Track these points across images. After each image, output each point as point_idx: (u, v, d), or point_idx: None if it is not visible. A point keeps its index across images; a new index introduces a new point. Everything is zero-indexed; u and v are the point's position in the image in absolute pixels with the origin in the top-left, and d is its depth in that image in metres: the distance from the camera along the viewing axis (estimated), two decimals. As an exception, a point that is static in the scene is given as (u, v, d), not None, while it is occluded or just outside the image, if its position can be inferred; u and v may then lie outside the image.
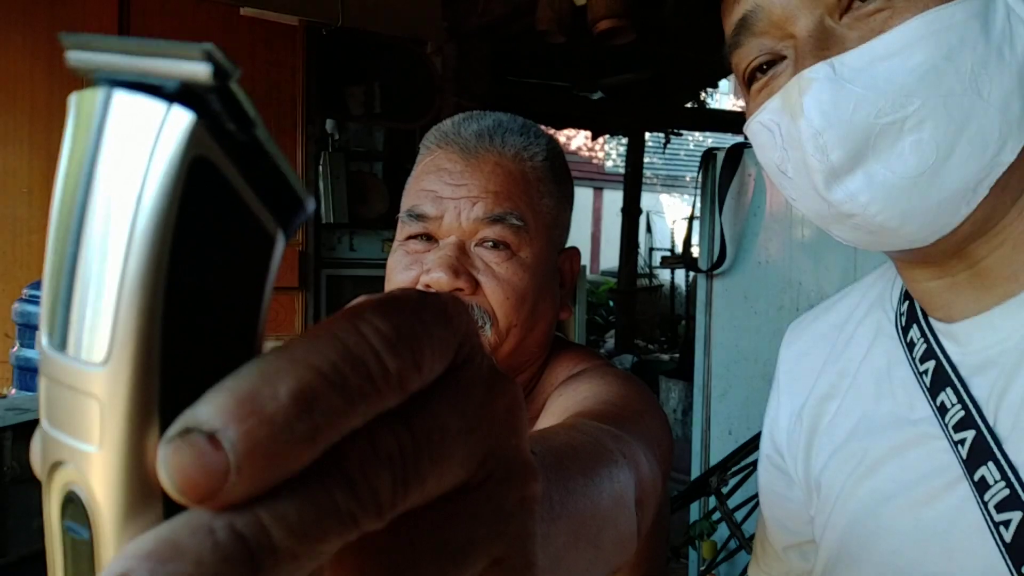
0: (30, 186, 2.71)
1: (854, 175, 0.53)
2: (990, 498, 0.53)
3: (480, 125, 0.87)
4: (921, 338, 0.62)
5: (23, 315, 1.42)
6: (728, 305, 2.56)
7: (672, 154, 12.50)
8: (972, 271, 0.58)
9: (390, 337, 0.19)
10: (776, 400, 0.80)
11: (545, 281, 0.87)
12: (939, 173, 0.51)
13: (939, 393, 0.59)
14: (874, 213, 0.54)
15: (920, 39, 0.51)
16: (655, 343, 8.45)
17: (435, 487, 0.19)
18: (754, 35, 0.59)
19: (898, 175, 0.52)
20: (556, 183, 0.89)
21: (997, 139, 0.51)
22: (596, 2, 2.59)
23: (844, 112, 0.52)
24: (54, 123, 2.75)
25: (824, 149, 0.54)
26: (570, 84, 5.70)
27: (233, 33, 3.01)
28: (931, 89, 0.51)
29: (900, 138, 0.51)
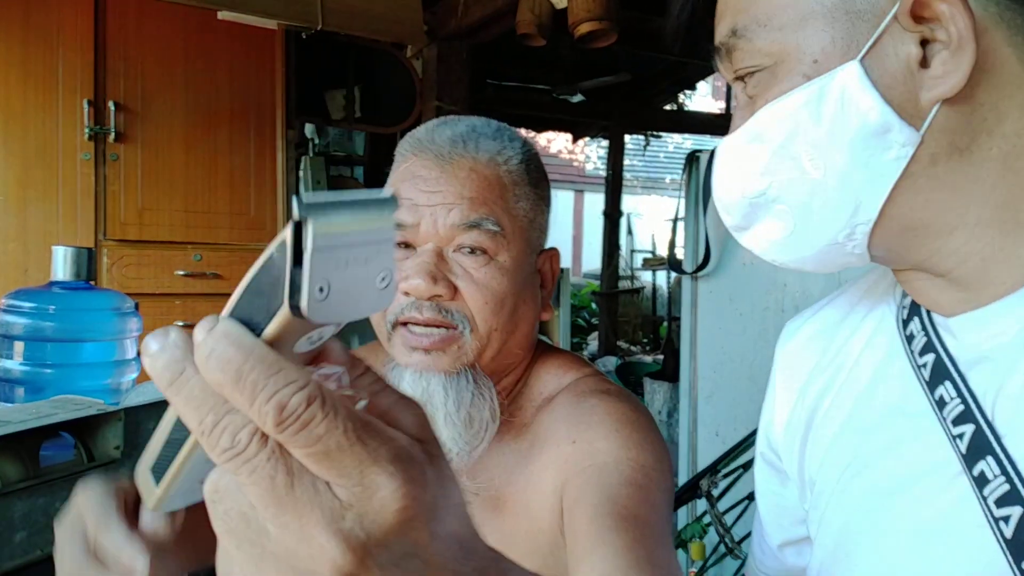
0: (5, 193, 2.67)
1: (750, 232, 0.64)
2: (989, 493, 0.53)
3: (454, 131, 0.87)
4: (921, 331, 0.62)
5: (2, 325, 1.39)
6: (713, 307, 2.57)
7: (652, 156, 12.56)
8: (948, 280, 0.59)
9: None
10: (771, 397, 0.80)
11: (524, 283, 0.88)
12: (804, 234, 0.60)
13: (938, 386, 0.59)
14: (771, 259, 0.64)
15: (761, 131, 0.59)
16: (637, 345, 8.47)
17: None
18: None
19: (778, 235, 0.61)
20: (532, 185, 0.89)
21: (845, 207, 0.57)
22: (577, 5, 2.59)
23: (729, 185, 0.63)
24: (29, 129, 2.71)
25: (725, 211, 0.65)
26: (550, 87, 5.71)
27: (211, 37, 2.98)
28: (776, 172, 0.58)
29: (769, 207, 0.60)
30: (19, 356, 1.40)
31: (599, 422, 0.82)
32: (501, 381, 0.90)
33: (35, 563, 1.06)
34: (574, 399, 0.87)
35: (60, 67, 2.74)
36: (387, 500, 0.31)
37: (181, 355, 0.32)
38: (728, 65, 0.63)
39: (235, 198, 3.07)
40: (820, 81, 0.55)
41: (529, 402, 0.92)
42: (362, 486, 0.31)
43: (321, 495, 0.31)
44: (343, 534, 0.31)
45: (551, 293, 0.95)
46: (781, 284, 2.32)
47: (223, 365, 0.30)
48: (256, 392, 0.30)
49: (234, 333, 0.31)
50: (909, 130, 0.54)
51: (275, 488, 0.31)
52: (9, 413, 1.10)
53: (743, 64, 0.60)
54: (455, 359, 0.82)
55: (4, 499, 1.01)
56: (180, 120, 2.96)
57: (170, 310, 2.92)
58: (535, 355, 0.96)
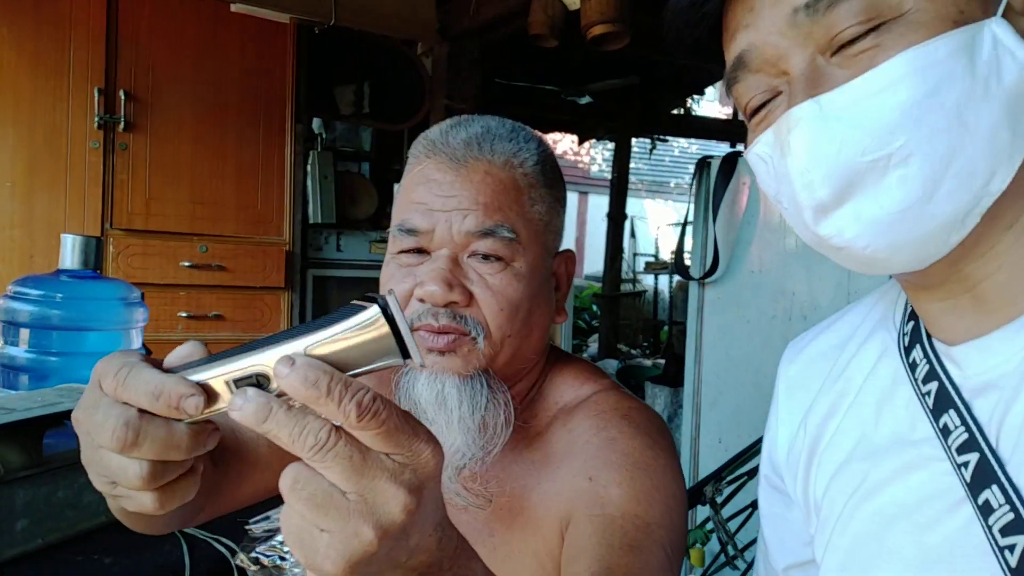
0: (13, 180, 2.67)
1: (841, 210, 0.55)
2: (994, 522, 0.52)
3: (468, 132, 0.85)
4: (924, 359, 0.62)
5: (8, 312, 1.38)
6: (720, 313, 2.56)
7: (657, 160, 12.55)
8: (971, 294, 0.58)
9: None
10: (775, 419, 0.79)
11: (540, 288, 0.86)
12: (927, 206, 0.52)
13: (942, 415, 0.58)
14: (862, 247, 0.55)
15: (904, 76, 0.51)
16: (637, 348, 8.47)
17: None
18: (751, 72, 0.60)
19: (885, 210, 0.53)
20: (547, 187, 0.87)
21: (985, 170, 0.52)
22: (590, 7, 2.58)
23: (830, 150, 0.54)
24: (38, 116, 2.70)
25: (811, 186, 0.55)
26: (558, 88, 5.70)
27: (223, 29, 2.98)
28: (916, 126, 0.51)
29: (886, 174, 0.52)
30: (24, 343, 1.40)
31: (617, 464, 0.81)
32: (515, 386, 0.89)
33: (36, 551, 1.06)
34: (595, 423, 0.85)
35: (71, 55, 2.75)
36: (428, 457, 0.46)
37: (265, 400, 0.44)
38: (811, 28, 0.55)
39: (242, 190, 3.07)
40: (971, 29, 0.51)
41: (544, 411, 0.91)
42: (412, 451, 0.46)
43: (384, 462, 0.45)
44: (406, 484, 0.45)
45: (566, 296, 0.94)
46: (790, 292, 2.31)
47: (314, 385, 0.44)
48: (341, 397, 0.44)
49: (315, 363, 0.45)
50: None
51: (353, 464, 0.44)
52: (13, 401, 1.10)
53: (866, 15, 0.53)
54: (467, 362, 0.82)
55: (6, 487, 1.01)
56: (189, 111, 2.96)
57: (175, 301, 2.92)
58: (549, 360, 0.95)
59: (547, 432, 0.88)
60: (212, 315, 2.99)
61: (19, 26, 2.67)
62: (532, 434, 0.89)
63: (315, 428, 0.44)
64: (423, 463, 0.46)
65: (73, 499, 1.11)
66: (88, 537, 1.13)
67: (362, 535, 0.44)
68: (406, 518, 0.45)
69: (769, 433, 0.80)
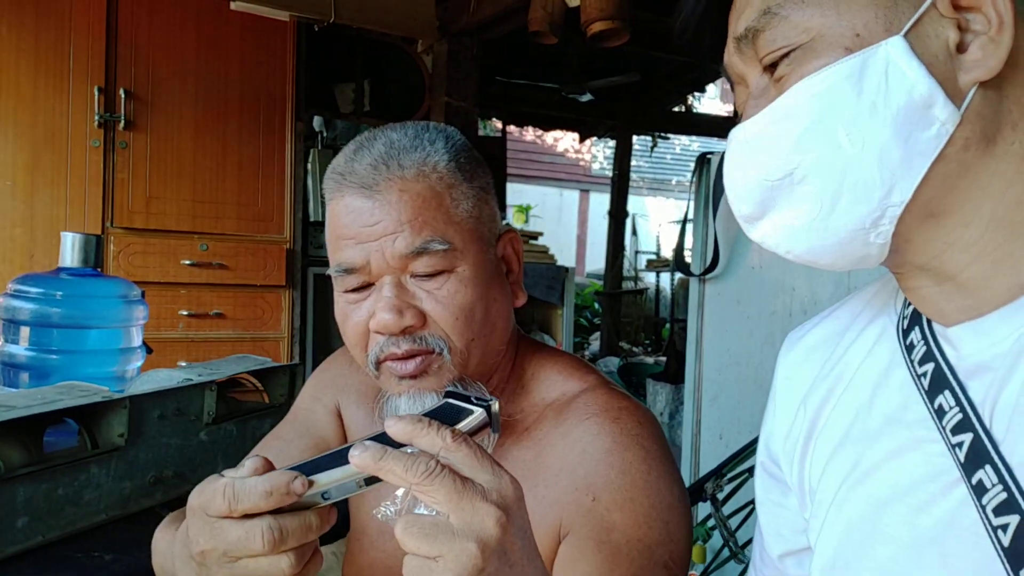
0: (13, 179, 2.67)
1: (763, 221, 0.62)
2: (988, 501, 0.53)
3: (372, 155, 0.83)
4: (921, 340, 0.63)
5: (8, 310, 1.38)
6: (720, 309, 2.56)
7: (658, 158, 12.54)
8: (955, 283, 0.59)
9: None
10: (772, 407, 0.80)
11: (490, 282, 0.86)
12: (829, 218, 0.58)
13: (937, 395, 0.59)
14: (785, 251, 0.62)
15: (795, 107, 0.57)
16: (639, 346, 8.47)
17: None
18: (734, 83, 0.67)
19: (796, 221, 0.60)
20: (468, 181, 0.85)
21: (880, 186, 0.56)
22: (589, 4, 2.58)
23: (745, 172, 0.62)
24: (39, 115, 2.71)
25: (736, 201, 0.64)
26: (558, 85, 5.70)
27: (223, 27, 2.98)
28: (806, 150, 0.57)
29: (792, 191, 0.59)
30: (25, 341, 1.40)
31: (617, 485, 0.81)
32: (491, 380, 0.90)
33: (36, 548, 1.06)
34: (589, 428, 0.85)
35: (71, 54, 2.75)
36: (509, 482, 0.56)
37: (379, 446, 0.55)
38: (752, 53, 0.62)
39: (243, 189, 3.07)
40: (864, 54, 0.55)
41: (531, 406, 0.91)
42: (495, 475, 0.56)
43: (476, 486, 0.54)
44: (496, 501, 0.54)
45: (520, 276, 0.93)
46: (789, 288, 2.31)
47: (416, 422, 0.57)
48: (436, 428, 0.56)
49: (425, 419, 0.57)
50: (951, 107, 0.54)
51: (455, 487, 0.53)
52: (14, 398, 1.10)
53: (776, 45, 0.59)
54: (440, 377, 0.83)
55: (7, 484, 1.01)
56: (190, 109, 2.96)
57: (175, 299, 2.93)
58: (524, 348, 0.95)
59: (536, 430, 0.88)
60: (213, 313, 2.99)
61: (19, 25, 2.67)
62: (520, 431, 0.89)
63: (424, 459, 0.54)
64: (506, 486, 0.56)
65: (73, 496, 1.11)
66: (89, 534, 1.13)
67: (468, 551, 0.52)
68: (501, 532, 0.53)
69: (767, 421, 0.80)
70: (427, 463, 0.53)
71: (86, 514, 1.13)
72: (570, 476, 0.83)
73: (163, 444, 1.24)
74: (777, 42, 0.59)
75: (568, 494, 0.82)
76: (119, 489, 1.17)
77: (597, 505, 0.80)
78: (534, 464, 0.86)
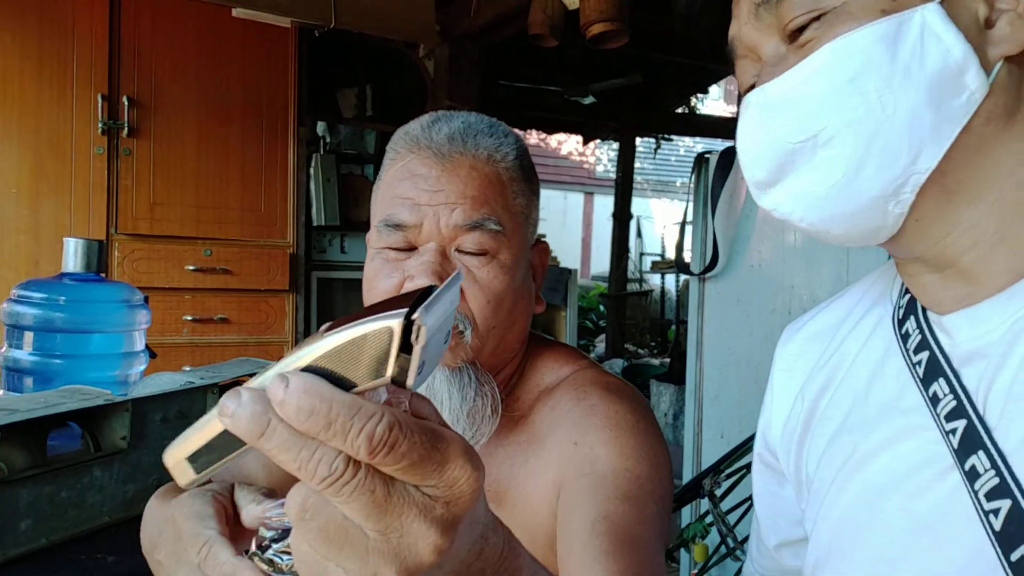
0: (18, 186, 2.69)
1: (777, 187, 0.61)
2: (980, 487, 0.54)
3: (451, 128, 0.86)
4: (916, 329, 0.63)
5: (11, 315, 1.40)
6: (720, 308, 2.56)
7: (663, 159, 12.54)
8: (955, 269, 0.60)
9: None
10: (770, 398, 0.80)
11: (522, 280, 0.88)
12: (852, 184, 0.57)
13: (932, 383, 0.60)
14: (798, 219, 0.61)
15: (827, 65, 0.56)
16: (645, 348, 8.46)
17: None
18: (739, 58, 0.66)
19: (814, 187, 0.58)
20: (526, 181, 0.89)
21: (908, 151, 0.55)
22: (588, 6, 2.59)
23: (764, 134, 0.60)
24: (43, 122, 2.73)
25: (751, 166, 0.62)
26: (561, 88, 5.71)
27: (225, 34, 3.00)
28: (835, 111, 0.56)
29: (814, 154, 0.57)
30: (29, 346, 1.41)
31: (600, 426, 0.82)
32: (499, 374, 0.91)
33: (40, 551, 1.06)
34: (575, 395, 0.87)
35: (75, 62, 2.77)
36: (464, 486, 0.38)
37: (261, 409, 0.36)
38: (772, 20, 0.61)
39: (246, 194, 3.09)
40: (899, 17, 0.55)
41: (526, 394, 0.93)
42: (444, 481, 0.38)
43: (413, 495, 0.37)
44: (438, 521, 0.38)
45: (541, 286, 0.96)
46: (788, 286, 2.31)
47: (311, 416, 0.35)
48: (346, 431, 0.35)
49: (312, 386, 0.36)
50: (983, 76, 0.55)
51: (375, 500, 0.36)
52: (17, 402, 1.11)
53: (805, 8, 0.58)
54: (455, 354, 0.83)
55: (10, 487, 1.01)
56: (193, 116, 2.98)
57: (179, 304, 2.94)
58: (530, 347, 0.97)
59: (531, 415, 0.90)
60: (217, 318, 3.00)
61: (23, 34, 2.69)
62: (516, 418, 0.91)
63: (328, 457, 0.36)
64: (457, 494, 0.38)
65: (76, 499, 1.12)
66: (92, 537, 1.14)
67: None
68: (435, 558, 0.38)
69: (764, 412, 0.81)
70: (330, 464, 0.36)
71: (89, 516, 1.14)
72: (554, 436, 0.84)
73: (166, 446, 1.25)
74: (807, 5, 0.58)
75: (553, 451, 0.83)
76: (122, 492, 1.18)
77: (580, 447, 0.81)
78: (527, 442, 0.87)
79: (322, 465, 0.36)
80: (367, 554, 0.37)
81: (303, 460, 0.36)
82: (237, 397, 0.37)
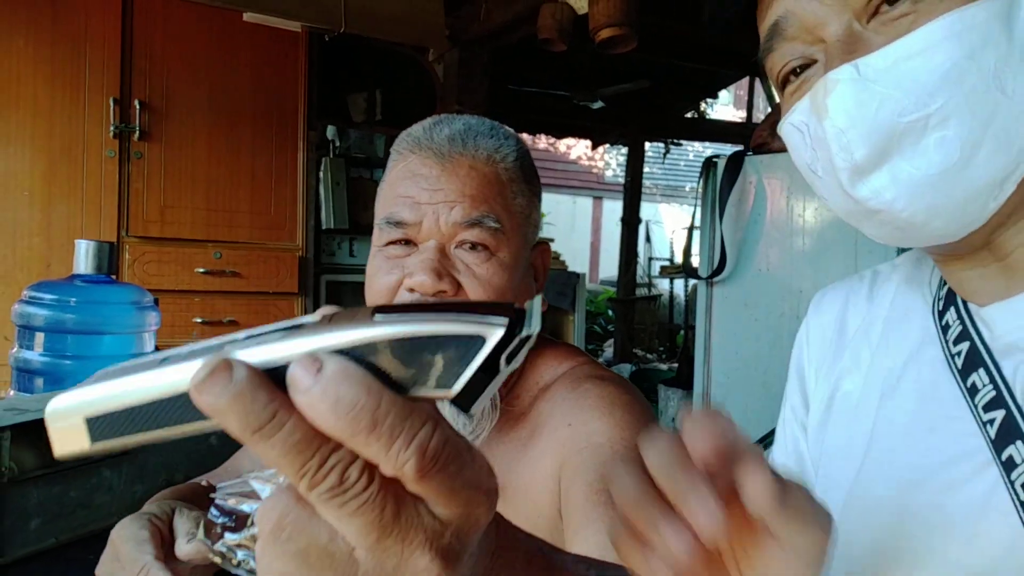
0: (31, 189, 2.71)
1: (879, 172, 0.55)
2: (1017, 476, 0.53)
3: (452, 129, 0.88)
4: (957, 320, 0.62)
5: (23, 316, 1.41)
6: (728, 312, 2.56)
7: (672, 164, 12.52)
8: (1002, 264, 0.59)
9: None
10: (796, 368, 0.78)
11: (522, 279, 0.90)
12: (965, 169, 0.52)
13: (971, 374, 0.59)
14: (899, 209, 0.55)
15: (942, 40, 0.52)
16: (653, 352, 8.44)
17: None
18: (786, 39, 0.61)
19: (923, 172, 0.53)
20: (526, 182, 0.91)
21: (1021, 135, 0.52)
22: (597, 10, 2.59)
23: (867, 111, 0.54)
24: (56, 126, 2.75)
25: (848, 148, 0.55)
26: (570, 93, 5.71)
27: (236, 38, 3.02)
28: (954, 87, 0.51)
29: (924, 136, 0.52)
30: (40, 347, 1.42)
31: (593, 406, 0.84)
32: None
33: (49, 550, 1.07)
34: (570, 385, 0.89)
35: (87, 66, 2.79)
36: (482, 515, 0.32)
37: (267, 397, 0.29)
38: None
39: (256, 197, 3.10)
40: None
41: (526, 392, 0.94)
42: (466, 507, 0.31)
43: (423, 517, 0.31)
44: (443, 550, 0.31)
45: (543, 286, 0.98)
46: (796, 290, 2.30)
47: (352, 412, 0.28)
48: (393, 438, 0.28)
49: (357, 374, 0.28)
50: None
51: (383, 519, 0.30)
52: (28, 402, 1.12)
53: None
54: None
55: (20, 487, 1.02)
56: (204, 119, 2.99)
57: (189, 307, 2.95)
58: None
59: (530, 412, 0.91)
60: (227, 320, 3.01)
61: (36, 39, 2.71)
62: (516, 415, 0.91)
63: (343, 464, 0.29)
64: (472, 524, 0.32)
65: (85, 499, 1.12)
66: (100, 536, 1.14)
67: None
68: None
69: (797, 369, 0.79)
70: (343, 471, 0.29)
71: (98, 517, 1.14)
72: (551, 424, 0.86)
73: (174, 447, 1.26)
74: None
75: (551, 438, 0.84)
76: (130, 492, 1.19)
77: (575, 427, 0.83)
78: (527, 438, 0.88)
79: (333, 474, 0.29)
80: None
81: (312, 467, 0.29)
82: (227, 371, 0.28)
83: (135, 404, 0.30)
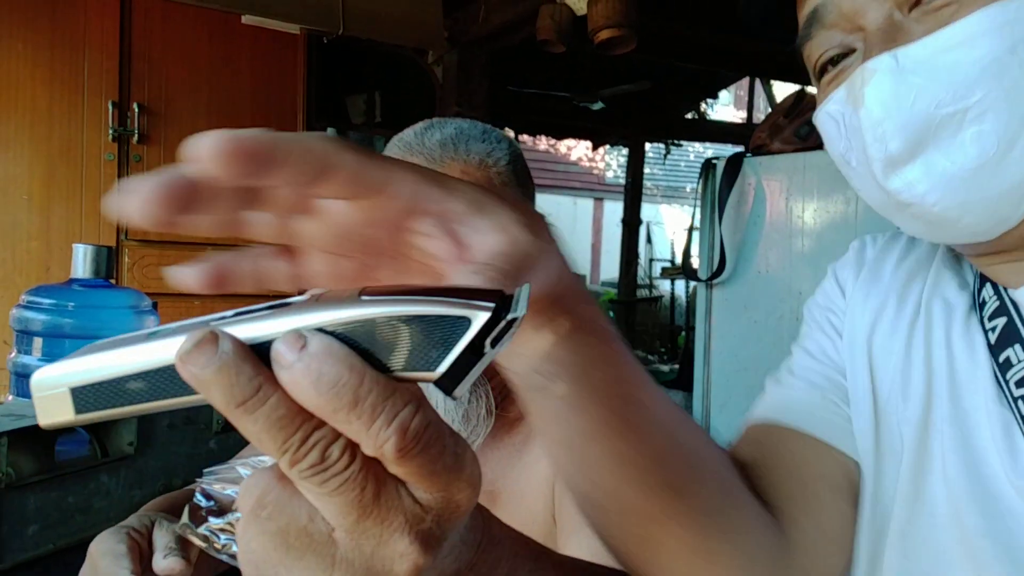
0: (30, 192, 2.71)
1: (913, 164, 0.54)
2: None
3: (443, 134, 0.87)
4: (994, 296, 0.61)
5: (21, 321, 1.41)
6: (728, 315, 2.56)
7: (672, 165, 12.53)
8: None
9: None
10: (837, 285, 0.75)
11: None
12: (1001, 164, 0.52)
13: (1005, 349, 0.58)
14: (932, 203, 0.54)
15: (983, 32, 0.51)
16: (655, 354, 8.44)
17: None
18: (824, 27, 0.60)
19: (958, 165, 0.53)
20: (519, 186, 0.90)
21: None
22: (596, 12, 2.59)
23: (904, 102, 0.53)
24: (55, 129, 2.75)
25: (883, 138, 0.55)
26: (570, 94, 5.71)
27: (234, 41, 3.01)
28: (993, 81, 0.51)
29: (961, 129, 0.52)
30: (38, 352, 1.42)
31: None
32: (494, 377, 0.91)
33: (47, 556, 1.07)
34: None
35: (86, 69, 2.79)
36: (463, 502, 0.32)
37: (252, 371, 0.29)
38: None
39: (255, 200, 3.10)
40: None
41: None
42: (448, 492, 0.31)
43: (404, 500, 0.31)
44: (423, 535, 0.32)
45: None
46: (796, 292, 2.30)
47: (334, 389, 0.28)
48: (374, 416, 0.28)
49: (340, 352, 0.28)
50: None
51: (362, 499, 0.30)
52: (26, 408, 1.12)
53: None
54: None
55: (19, 492, 1.02)
56: (203, 123, 2.99)
57: (189, 311, 2.95)
58: None
59: (525, 417, 0.90)
60: (226, 324, 3.01)
61: (35, 42, 2.71)
62: (511, 421, 0.91)
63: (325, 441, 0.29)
64: (452, 510, 0.32)
65: (83, 505, 1.12)
66: (99, 541, 1.14)
67: None
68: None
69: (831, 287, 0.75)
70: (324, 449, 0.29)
71: (96, 522, 1.14)
72: None
73: (172, 452, 1.26)
74: None
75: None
76: (129, 497, 1.19)
77: None
78: (522, 443, 0.88)
79: (315, 451, 0.29)
80: (332, 566, 0.31)
81: (294, 444, 0.29)
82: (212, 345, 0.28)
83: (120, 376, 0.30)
